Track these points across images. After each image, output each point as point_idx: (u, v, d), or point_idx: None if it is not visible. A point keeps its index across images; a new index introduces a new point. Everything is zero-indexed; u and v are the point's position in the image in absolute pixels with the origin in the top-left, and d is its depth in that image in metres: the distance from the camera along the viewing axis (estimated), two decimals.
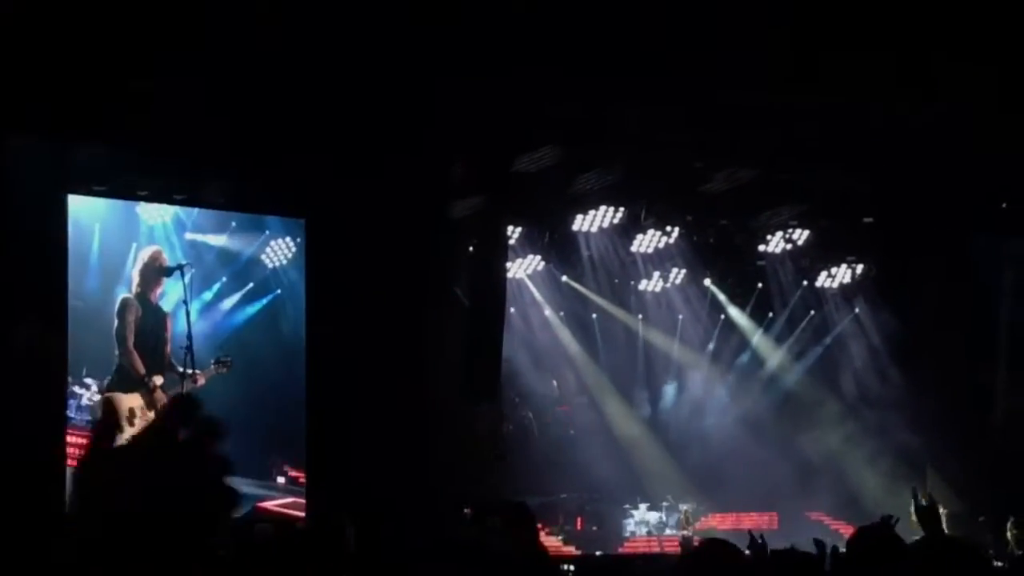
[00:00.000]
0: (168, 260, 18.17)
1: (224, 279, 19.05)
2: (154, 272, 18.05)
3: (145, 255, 18.11)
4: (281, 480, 18.89)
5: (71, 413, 17.26)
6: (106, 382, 17.55)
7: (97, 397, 17.41)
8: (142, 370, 17.83)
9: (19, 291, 16.14)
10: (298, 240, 19.35)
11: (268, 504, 18.41)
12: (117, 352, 17.72)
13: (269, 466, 18.78)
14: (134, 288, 17.96)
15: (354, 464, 17.66)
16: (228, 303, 19.10)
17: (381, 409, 17.98)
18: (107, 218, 17.98)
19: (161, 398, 17.78)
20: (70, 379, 17.25)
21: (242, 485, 17.53)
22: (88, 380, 17.49)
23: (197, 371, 17.72)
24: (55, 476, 16.61)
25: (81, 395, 17.42)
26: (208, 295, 18.86)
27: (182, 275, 17.67)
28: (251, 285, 19.27)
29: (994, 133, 16.71)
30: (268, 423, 18.82)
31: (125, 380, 17.73)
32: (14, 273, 16.07)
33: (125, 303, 17.84)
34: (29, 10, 13.78)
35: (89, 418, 17.39)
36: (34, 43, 13.93)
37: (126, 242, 18.11)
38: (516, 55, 14.31)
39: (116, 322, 17.76)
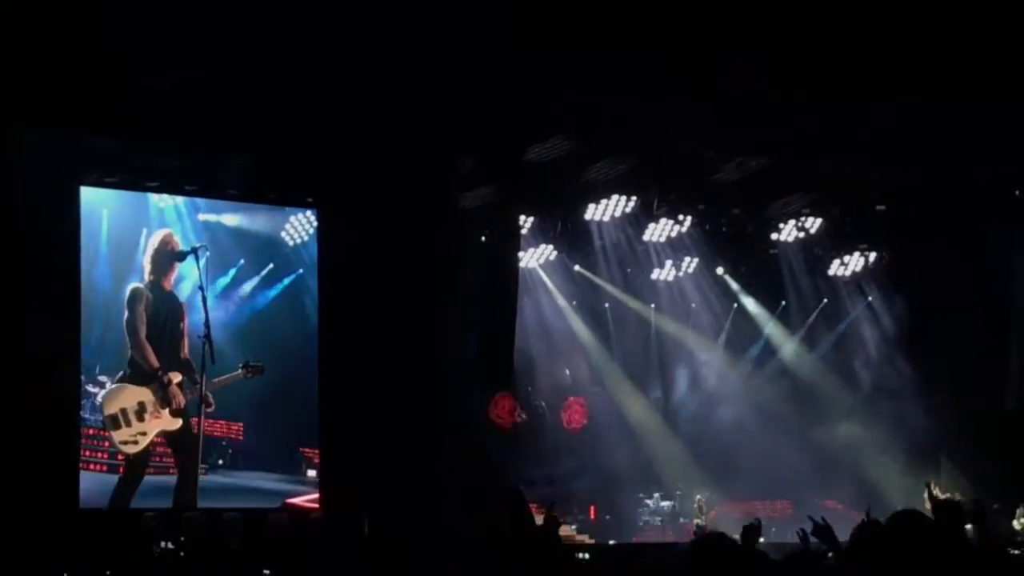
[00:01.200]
0: (181, 243, 17.46)
1: (242, 261, 18.24)
2: (166, 257, 17.38)
3: (156, 240, 17.43)
4: (311, 473, 18.21)
5: (85, 414, 16.82)
6: (118, 376, 17.09)
7: None
8: (156, 363, 17.25)
9: (33, 287, 16.06)
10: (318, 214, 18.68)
11: (298, 500, 17.86)
12: (129, 345, 17.16)
13: (298, 459, 18.22)
14: (146, 276, 17.33)
15: (367, 453, 17.64)
16: (247, 287, 18.31)
17: (393, 399, 17.97)
18: (115, 203, 17.35)
19: (176, 394, 17.29)
20: (83, 378, 16.78)
21: (271, 481, 17.27)
22: (102, 377, 17.01)
23: (219, 377, 17.16)
24: (69, 477, 16.51)
25: (95, 394, 16.92)
26: (225, 280, 18.07)
27: (196, 259, 16.98)
28: (271, 266, 18.48)
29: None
30: (295, 413, 18.28)
31: (138, 373, 17.19)
32: (27, 268, 16.01)
33: (135, 293, 17.24)
34: (40, 5, 13.79)
35: (101, 416, 16.93)
36: (45, 37, 13.95)
37: (136, 227, 17.43)
38: (526, 47, 14.29)
39: (127, 313, 17.15)
